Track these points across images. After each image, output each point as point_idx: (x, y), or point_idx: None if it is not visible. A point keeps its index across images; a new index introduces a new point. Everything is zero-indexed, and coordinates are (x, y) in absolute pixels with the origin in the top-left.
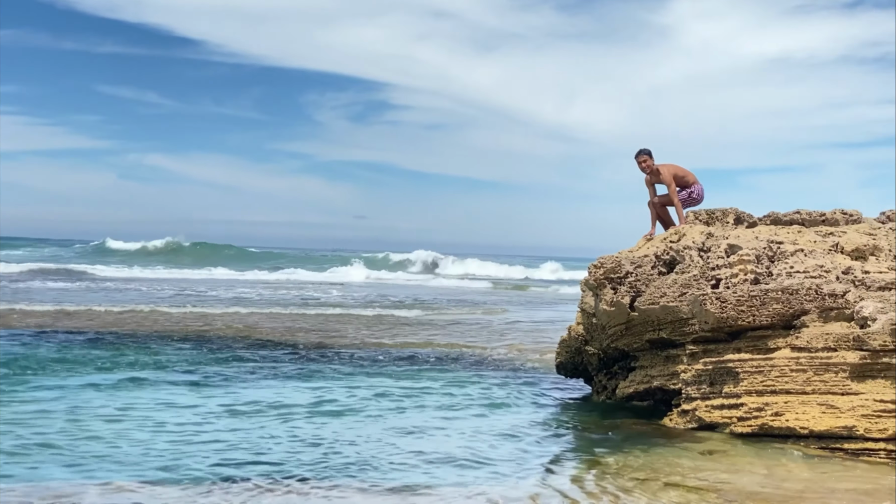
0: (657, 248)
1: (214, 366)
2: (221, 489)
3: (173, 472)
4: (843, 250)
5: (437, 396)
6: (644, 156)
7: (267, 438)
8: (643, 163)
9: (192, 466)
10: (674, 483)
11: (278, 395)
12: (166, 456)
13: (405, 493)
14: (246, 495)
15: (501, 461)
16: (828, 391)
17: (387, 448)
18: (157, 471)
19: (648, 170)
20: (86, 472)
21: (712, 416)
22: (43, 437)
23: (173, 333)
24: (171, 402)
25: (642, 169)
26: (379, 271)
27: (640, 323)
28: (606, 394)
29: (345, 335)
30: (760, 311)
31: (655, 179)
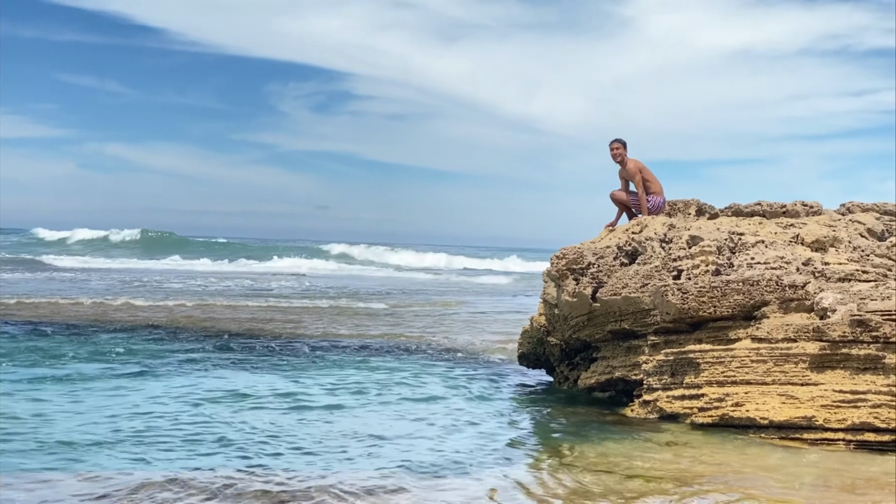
0: (619, 240)
1: (170, 356)
2: (183, 480)
3: (136, 462)
4: (803, 242)
5: (398, 387)
6: (617, 143)
7: (226, 429)
8: (615, 150)
9: (153, 457)
10: (634, 473)
11: (236, 386)
12: (127, 445)
13: (360, 482)
14: (208, 486)
15: (461, 452)
16: (788, 382)
17: (344, 439)
18: (122, 461)
19: (619, 158)
20: (47, 462)
21: (673, 407)
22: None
23: (124, 323)
24: (124, 394)
25: (613, 157)
26: (341, 263)
27: (602, 314)
28: (568, 384)
29: (304, 326)
30: (721, 303)
31: (622, 172)
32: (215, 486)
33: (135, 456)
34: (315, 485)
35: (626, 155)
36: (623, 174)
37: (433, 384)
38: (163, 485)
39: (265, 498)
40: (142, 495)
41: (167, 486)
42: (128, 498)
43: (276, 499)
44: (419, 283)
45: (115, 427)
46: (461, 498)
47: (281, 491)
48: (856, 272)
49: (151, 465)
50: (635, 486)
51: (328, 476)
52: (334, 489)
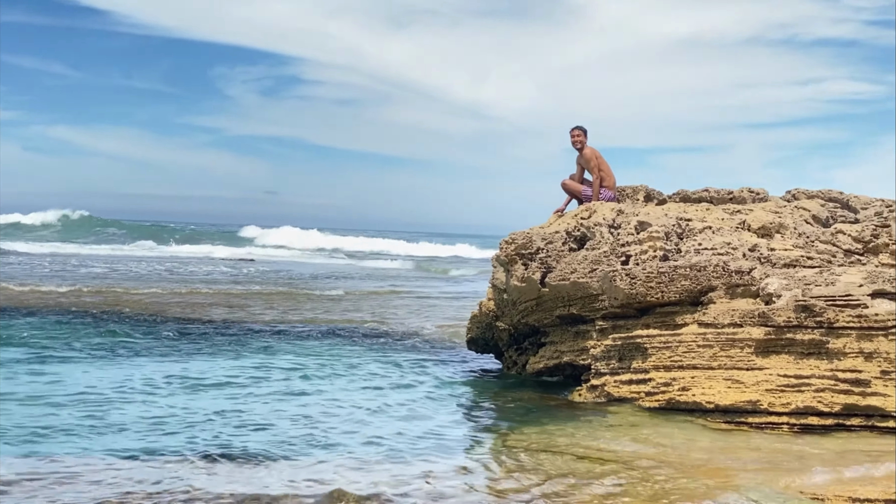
0: (568, 225)
1: (117, 340)
2: (141, 462)
3: (92, 446)
4: (749, 228)
5: (341, 372)
6: (578, 130)
7: (182, 413)
8: (575, 136)
9: (112, 442)
10: (581, 455)
11: (187, 372)
12: (81, 432)
13: (305, 468)
14: (166, 469)
15: (406, 437)
16: (733, 366)
17: (288, 423)
18: (78, 447)
19: (578, 145)
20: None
21: (621, 391)
22: None
23: (62, 309)
24: (64, 381)
25: (573, 143)
26: (291, 250)
27: (551, 299)
28: (517, 369)
29: (252, 312)
30: (669, 288)
31: (580, 158)
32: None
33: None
34: (261, 462)
35: (585, 142)
36: (580, 161)
37: (377, 369)
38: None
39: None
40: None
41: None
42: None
43: (211, 487)
44: (368, 269)
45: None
46: (397, 481)
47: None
48: (801, 258)
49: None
50: (581, 468)
51: (264, 463)
52: (271, 473)
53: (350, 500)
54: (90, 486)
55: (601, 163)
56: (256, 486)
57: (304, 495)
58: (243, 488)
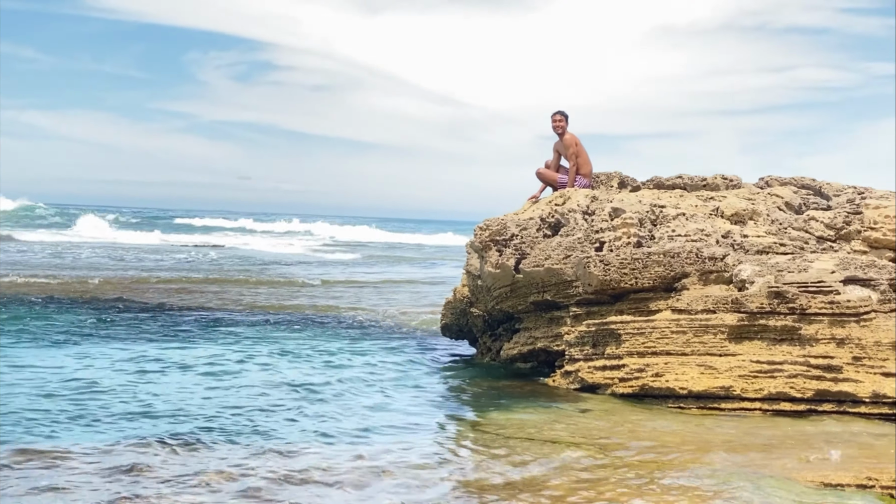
0: (542, 211)
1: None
2: (124, 446)
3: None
4: (723, 215)
5: (312, 359)
6: (560, 116)
7: (158, 397)
8: (556, 121)
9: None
10: (555, 440)
11: (161, 357)
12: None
13: (281, 456)
14: (147, 451)
15: (381, 424)
16: (706, 352)
17: (258, 411)
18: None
19: (559, 130)
20: None
21: (594, 378)
22: None
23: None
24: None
25: (554, 128)
26: (256, 236)
27: (525, 285)
28: (491, 355)
29: (221, 298)
30: (643, 274)
31: (558, 144)
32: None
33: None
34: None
35: (566, 127)
36: (558, 146)
37: (349, 355)
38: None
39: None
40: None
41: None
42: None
43: (177, 467)
44: (342, 258)
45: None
46: (362, 467)
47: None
48: (774, 245)
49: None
50: (554, 453)
51: (231, 447)
52: (254, 454)
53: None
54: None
55: (580, 150)
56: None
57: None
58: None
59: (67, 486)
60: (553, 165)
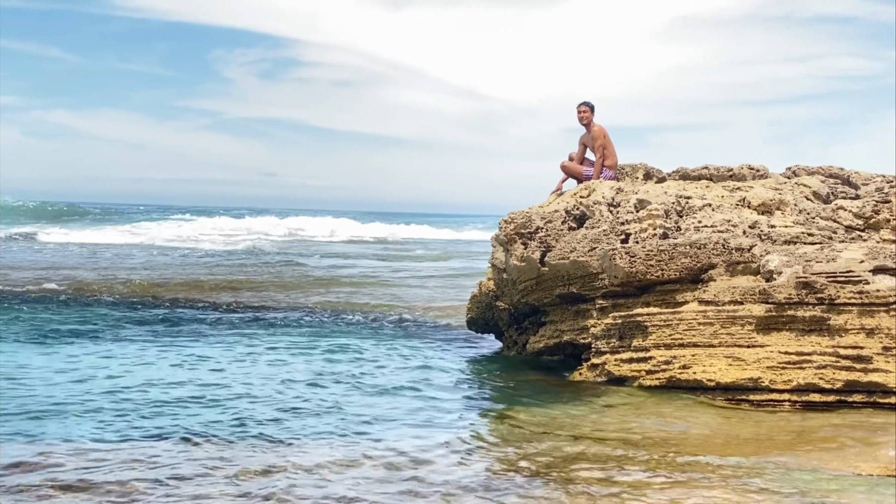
0: (567, 204)
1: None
2: (150, 447)
3: (105, 431)
4: (749, 205)
5: (347, 352)
6: (585, 107)
7: (185, 400)
8: (581, 112)
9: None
10: (581, 434)
11: (184, 357)
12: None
13: (306, 451)
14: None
15: (407, 415)
16: (734, 344)
17: (297, 403)
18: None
19: (585, 121)
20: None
21: (621, 370)
22: None
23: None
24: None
25: (579, 119)
26: (280, 234)
27: (551, 278)
28: (517, 349)
29: (256, 294)
30: (669, 266)
31: (585, 136)
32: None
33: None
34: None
35: (592, 119)
36: (584, 139)
37: (379, 350)
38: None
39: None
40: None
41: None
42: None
43: (227, 462)
44: (359, 251)
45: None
46: (400, 460)
47: (224, 457)
48: (801, 235)
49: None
50: (581, 447)
51: (276, 444)
52: (281, 452)
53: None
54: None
55: (607, 142)
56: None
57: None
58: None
59: (97, 480)
60: (578, 158)
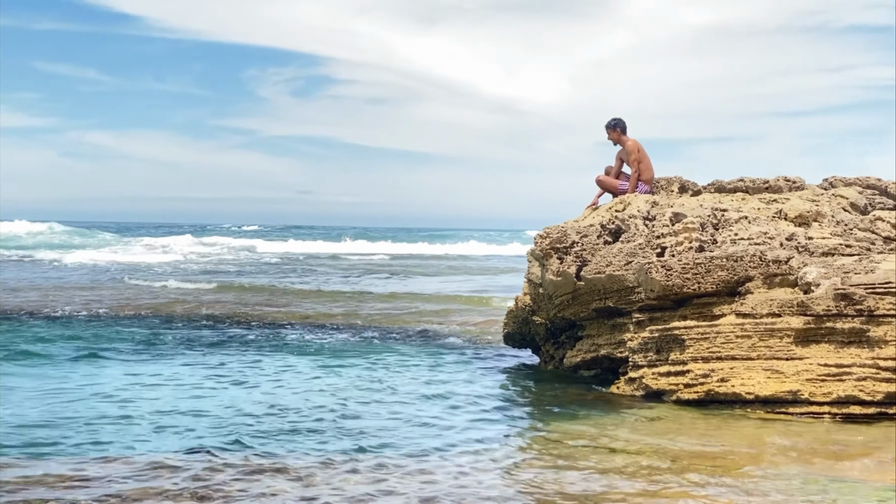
0: (603, 218)
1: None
2: (187, 464)
3: (154, 443)
4: (786, 217)
5: (380, 368)
6: (608, 129)
7: (232, 410)
8: (609, 135)
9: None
10: (619, 448)
11: (228, 370)
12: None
13: (350, 461)
14: (219, 469)
15: (448, 431)
16: (773, 356)
17: (329, 417)
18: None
19: (614, 140)
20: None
21: (659, 384)
22: None
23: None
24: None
25: (610, 141)
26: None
27: (587, 292)
28: (554, 363)
29: (292, 310)
30: (705, 279)
31: (622, 151)
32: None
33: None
34: (305, 459)
35: (619, 136)
36: (621, 153)
37: (418, 365)
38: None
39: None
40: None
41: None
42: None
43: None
44: (391, 267)
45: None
46: (443, 476)
47: (264, 467)
48: (839, 246)
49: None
50: (619, 462)
51: (311, 455)
52: (321, 465)
53: None
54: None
55: (642, 156)
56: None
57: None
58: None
59: (135, 494)
60: (614, 172)
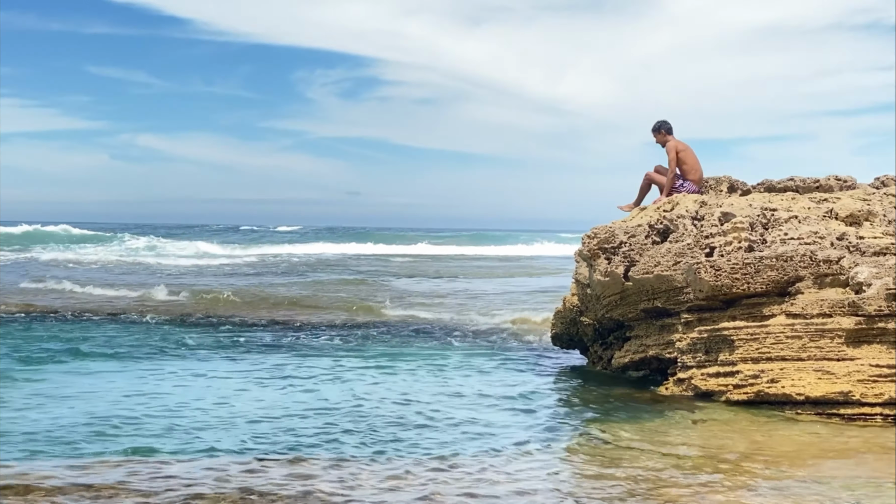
0: (651, 218)
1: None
2: (238, 463)
3: (198, 445)
4: (837, 216)
5: (427, 369)
6: (653, 133)
7: (281, 412)
8: (656, 139)
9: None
10: (669, 451)
11: (275, 370)
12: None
13: (391, 463)
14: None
15: (495, 432)
16: (823, 357)
17: (388, 419)
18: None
19: (660, 143)
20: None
21: (708, 385)
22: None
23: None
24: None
25: (657, 143)
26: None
27: (635, 293)
28: (602, 364)
29: (330, 307)
30: (755, 279)
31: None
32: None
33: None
34: (362, 458)
35: (664, 137)
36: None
37: (463, 366)
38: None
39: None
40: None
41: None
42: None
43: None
44: (448, 267)
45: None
46: (489, 476)
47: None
48: (891, 246)
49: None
50: (668, 464)
51: (376, 457)
52: (385, 466)
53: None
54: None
55: (685, 157)
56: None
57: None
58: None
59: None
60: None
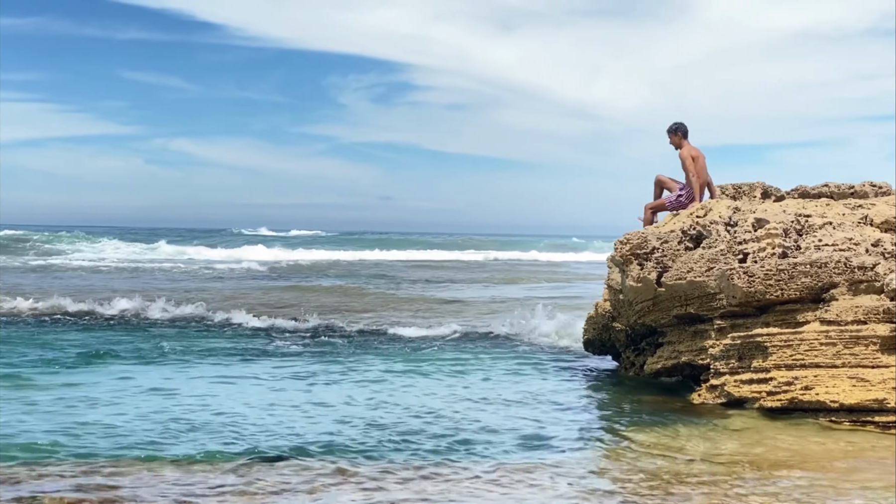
0: (683, 224)
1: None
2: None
3: (225, 447)
4: (872, 223)
5: (459, 374)
6: (668, 133)
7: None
8: (670, 140)
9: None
10: (702, 457)
11: (314, 373)
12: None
13: (426, 468)
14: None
15: (526, 438)
16: (858, 364)
17: (416, 422)
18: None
19: (674, 146)
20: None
21: (741, 391)
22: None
23: None
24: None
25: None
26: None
27: (668, 298)
28: (634, 370)
29: (366, 313)
30: (789, 285)
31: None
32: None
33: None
34: (397, 460)
35: (679, 140)
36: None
37: (497, 371)
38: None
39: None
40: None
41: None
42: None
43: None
44: (476, 272)
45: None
46: (531, 480)
47: (353, 472)
48: None
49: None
50: (702, 470)
51: (395, 457)
52: (406, 469)
53: None
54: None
55: (688, 163)
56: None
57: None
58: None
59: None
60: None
